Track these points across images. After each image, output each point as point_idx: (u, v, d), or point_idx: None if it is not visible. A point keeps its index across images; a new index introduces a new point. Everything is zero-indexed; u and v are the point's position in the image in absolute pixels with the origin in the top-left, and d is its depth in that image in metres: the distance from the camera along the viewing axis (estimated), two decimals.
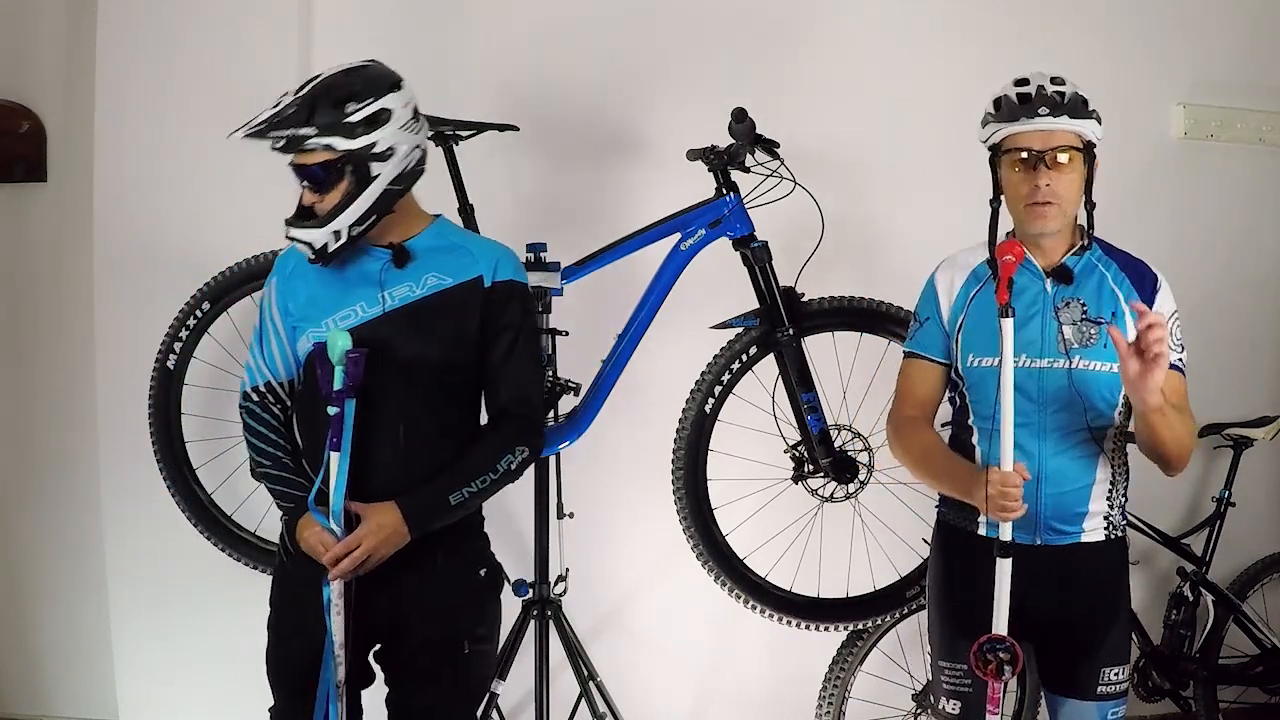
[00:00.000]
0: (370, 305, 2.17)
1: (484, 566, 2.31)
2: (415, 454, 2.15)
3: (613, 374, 2.79)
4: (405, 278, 2.19)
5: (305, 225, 2.15)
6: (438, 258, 2.22)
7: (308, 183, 2.15)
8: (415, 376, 2.16)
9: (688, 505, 2.80)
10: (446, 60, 3.22)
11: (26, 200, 3.37)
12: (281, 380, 2.26)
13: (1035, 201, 2.17)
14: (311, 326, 2.18)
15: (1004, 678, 2.09)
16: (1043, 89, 2.18)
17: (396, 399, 2.14)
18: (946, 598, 2.34)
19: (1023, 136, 2.18)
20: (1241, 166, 3.72)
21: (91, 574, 3.27)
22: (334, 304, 2.18)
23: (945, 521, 2.38)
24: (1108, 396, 2.21)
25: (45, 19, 3.32)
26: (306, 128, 2.10)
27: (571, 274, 2.79)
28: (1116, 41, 3.56)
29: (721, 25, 3.33)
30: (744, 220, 2.76)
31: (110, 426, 3.12)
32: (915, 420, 2.33)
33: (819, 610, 2.89)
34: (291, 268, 2.26)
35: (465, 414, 2.27)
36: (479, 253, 2.24)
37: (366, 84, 2.15)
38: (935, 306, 2.32)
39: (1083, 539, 2.24)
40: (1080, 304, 2.21)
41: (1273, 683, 3.45)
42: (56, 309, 3.38)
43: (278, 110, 2.12)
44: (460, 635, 2.23)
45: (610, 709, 2.93)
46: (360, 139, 2.12)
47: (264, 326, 2.27)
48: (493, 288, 2.21)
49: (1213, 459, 3.68)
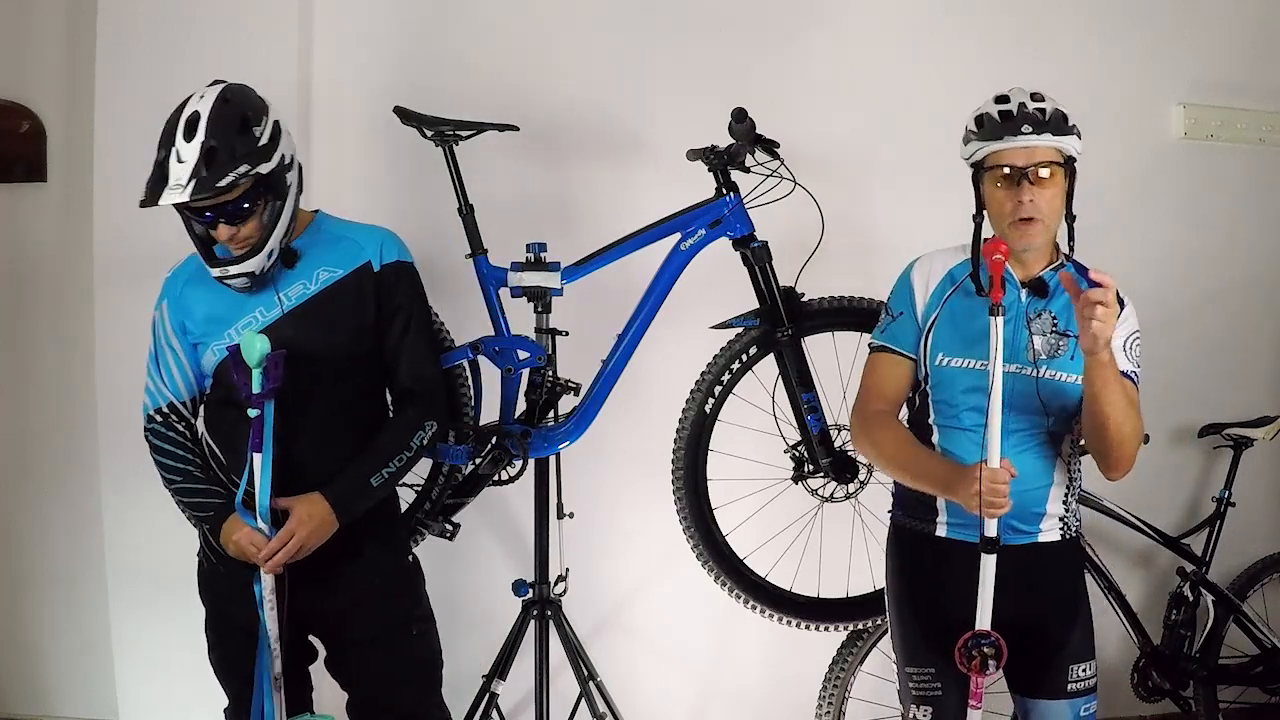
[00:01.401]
0: (268, 309, 2.22)
1: (408, 552, 2.43)
2: (332, 447, 2.21)
3: (613, 374, 2.79)
4: (297, 276, 2.24)
5: (242, 259, 2.16)
6: (324, 251, 2.27)
7: (222, 219, 2.13)
8: (323, 371, 2.22)
9: (688, 505, 2.80)
10: (446, 60, 3.22)
11: (26, 200, 3.37)
12: (184, 399, 2.30)
13: (1019, 218, 2.19)
14: (214, 340, 2.23)
15: (989, 672, 2.11)
16: (1024, 106, 2.20)
17: (307, 396, 2.20)
18: (908, 602, 2.35)
19: (1005, 154, 2.20)
20: (1241, 166, 3.72)
21: (91, 574, 3.27)
22: (232, 315, 2.23)
23: (901, 526, 2.39)
24: (1069, 406, 2.25)
25: (45, 19, 3.32)
26: (240, 165, 2.09)
27: (571, 274, 2.78)
28: (1116, 41, 3.56)
29: (722, 25, 3.34)
30: (744, 220, 2.76)
31: (110, 426, 3.12)
32: (884, 414, 2.34)
33: (819, 610, 2.89)
34: (181, 288, 2.29)
35: (374, 402, 2.35)
36: (363, 239, 2.31)
37: (251, 102, 2.18)
38: (909, 301, 2.33)
39: (1040, 539, 2.27)
40: (1051, 316, 2.25)
41: (1273, 683, 3.44)
42: (56, 309, 3.38)
43: (193, 164, 2.06)
44: (405, 621, 2.32)
45: (610, 709, 2.93)
46: (273, 158, 2.15)
47: (159, 349, 2.30)
48: (381, 271, 2.29)
49: (1213, 459, 3.68)
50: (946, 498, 2.23)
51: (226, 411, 2.24)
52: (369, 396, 2.34)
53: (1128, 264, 2.49)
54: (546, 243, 2.79)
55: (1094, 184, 3.51)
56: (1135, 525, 3.33)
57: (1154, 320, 3.45)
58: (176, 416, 2.29)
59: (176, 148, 2.09)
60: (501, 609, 2.91)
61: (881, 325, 2.38)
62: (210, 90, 2.16)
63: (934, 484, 2.25)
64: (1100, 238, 2.54)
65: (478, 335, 2.76)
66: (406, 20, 3.23)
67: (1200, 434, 3.58)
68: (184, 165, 2.07)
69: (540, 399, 2.79)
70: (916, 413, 2.37)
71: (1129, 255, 3.37)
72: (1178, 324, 3.61)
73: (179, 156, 2.08)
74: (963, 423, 2.25)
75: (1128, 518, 3.31)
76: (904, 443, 2.32)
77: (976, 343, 2.20)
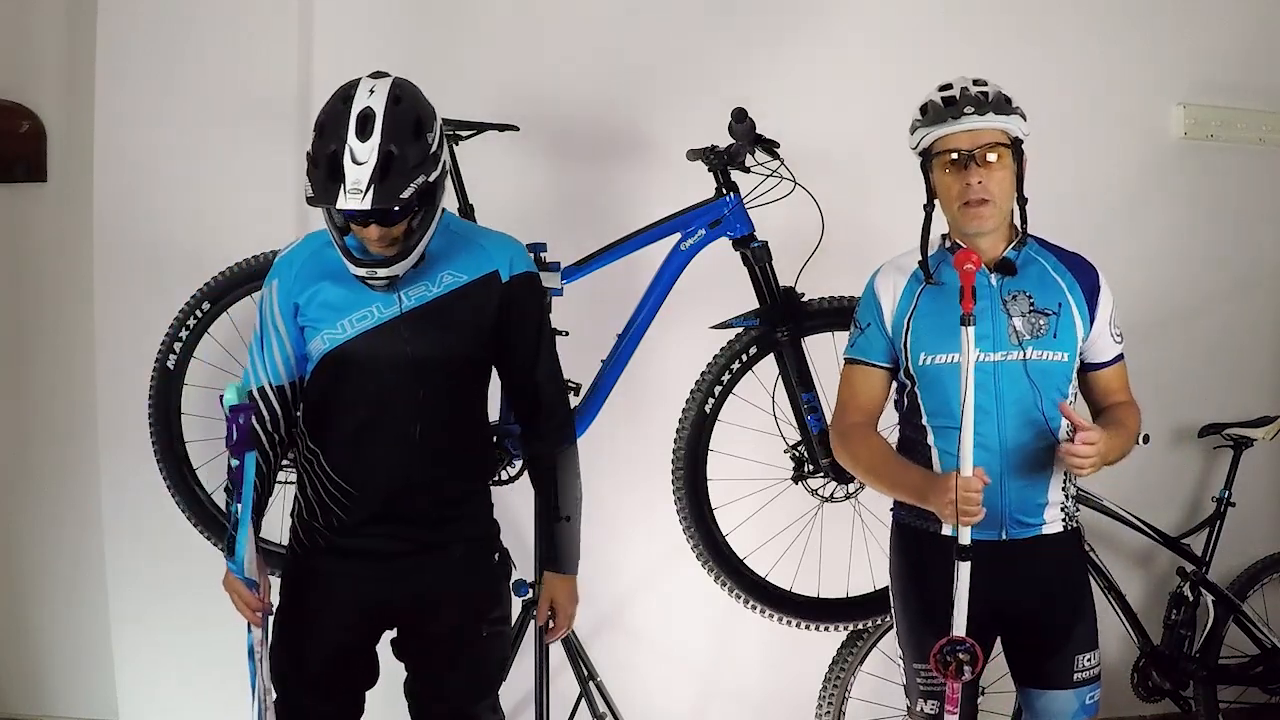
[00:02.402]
0: (386, 306, 2.16)
1: (496, 551, 2.36)
2: (428, 448, 2.18)
3: (613, 374, 2.79)
4: (420, 276, 2.17)
5: (390, 262, 2.08)
6: (451, 255, 2.21)
7: (374, 219, 2.04)
8: (432, 375, 2.18)
9: (688, 505, 2.80)
10: (446, 60, 3.21)
11: (26, 200, 3.37)
12: (281, 383, 2.24)
13: (969, 200, 2.20)
14: (327, 328, 2.18)
15: (964, 678, 2.13)
16: (966, 90, 2.23)
17: (412, 397, 2.16)
18: (916, 600, 2.35)
19: (951, 138, 2.22)
20: (1241, 166, 3.72)
21: (91, 574, 3.27)
22: (350, 306, 2.17)
23: (905, 525, 2.39)
24: (1061, 386, 2.26)
25: (45, 19, 3.32)
26: (417, 175, 2.01)
27: (571, 274, 2.79)
28: (1116, 41, 3.56)
29: (721, 25, 3.34)
30: (744, 220, 2.76)
31: (110, 426, 3.12)
32: (861, 427, 2.35)
33: (819, 610, 2.90)
34: (298, 269, 2.22)
35: (474, 405, 2.31)
36: (492, 247, 2.25)
37: (423, 105, 2.09)
38: (876, 312, 2.33)
39: (1044, 531, 2.27)
40: (1027, 296, 2.25)
41: (1273, 683, 3.44)
42: (56, 309, 3.38)
43: (371, 168, 1.97)
44: (478, 620, 2.28)
45: (610, 709, 2.93)
46: (440, 165, 2.08)
47: (264, 329, 2.25)
48: (511, 282, 2.24)
49: (1213, 459, 3.68)
50: (922, 506, 2.23)
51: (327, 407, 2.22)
52: (471, 401, 2.30)
53: (1127, 264, 2.50)
54: (546, 243, 2.79)
55: (1094, 184, 3.55)
56: (1135, 525, 3.33)
57: (1154, 320, 3.48)
58: (265, 401, 2.23)
59: (350, 146, 1.98)
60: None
61: (851, 338, 2.39)
62: (379, 84, 2.05)
63: (909, 493, 2.26)
64: (1100, 238, 2.55)
65: None
66: (406, 20, 3.23)
67: (1200, 434, 3.58)
68: (362, 168, 1.97)
69: None
70: (907, 413, 2.36)
71: (1129, 255, 3.38)
72: (1178, 324, 3.61)
73: (354, 157, 1.97)
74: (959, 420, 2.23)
75: (1128, 518, 3.31)
76: (880, 454, 2.33)
77: (957, 334, 2.16)
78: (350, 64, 3.21)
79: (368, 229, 2.05)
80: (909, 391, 2.32)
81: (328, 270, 2.18)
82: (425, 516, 2.21)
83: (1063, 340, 2.23)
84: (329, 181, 1.99)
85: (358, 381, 2.17)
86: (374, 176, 1.97)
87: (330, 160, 1.99)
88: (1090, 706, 2.29)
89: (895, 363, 2.34)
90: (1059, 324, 2.24)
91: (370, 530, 2.19)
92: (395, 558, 2.20)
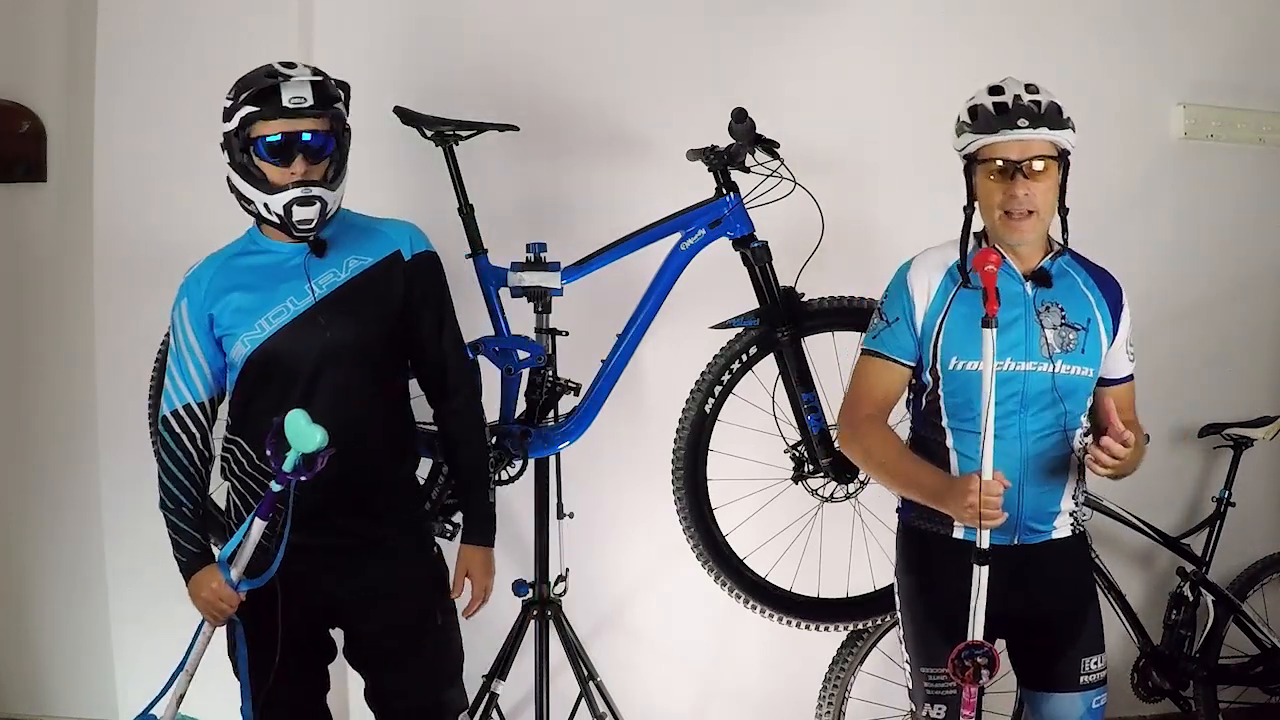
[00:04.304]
0: (300, 298, 2.23)
1: (434, 543, 2.46)
2: (354, 431, 2.20)
3: (613, 374, 2.79)
4: (327, 265, 2.26)
5: (314, 187, 2.17)
6: (353, 241, 2.30)
7: (303, 153, 2.16)
8: (352, 359, 2.24)
9: (688, 505, 2.80)
10: (446, 60, 3.22)
11: (26, 200, 3.37)
12: (202, 400, 2.29)
13: (1011, 211, 2.17)
14: (245, 331, 2.24)
15: (981, 682, 2.11)
16: (1019, 98, 2.17)
17: (335, 383, 2.22)
18: (924, 604, 2.33)
19: (1000, 147, 2.17)
20: (1241, 166, 3.72)
21: (91, 574, 3.26)
22: (264, 306, 2.23)
23: (913, 527, 2.36)
24: (1083, 400, 2.26)
25: (45, 19, 3.31)
26: (340, 105, 2.22)
27: (571, 274, 2.79)
28: (1116, 41, 3.56)
29: (721, 25, 3.33)
30: (744, 220, 2.76)
31: (110, 426, 3.12)
32: (874, 420, 2.30)
33: (819, 610, 2.90)
34: (207, 285, 2.28)
35: (394, 384, 2.38)
36: (391, 231, 2.35)
37: None
38: (907, 308, 2.27)
39: (1054, 536, 2.28)
40: (1059, 308, 2.24)
41: (1273, 683, 3.45)
42: (56, 309, 3.38)
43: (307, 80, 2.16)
44: (428, 610, 2.35)
45: (610, 709, 2.93)
46: (349, 134, 2.25)
47: (178, 350, 2.29)
48: (413, 260, 2.33)
49: (1213, 459, 3.68)
50: (936, 507, 2.20)
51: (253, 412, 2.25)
52: (391, 380, 2.37)
53: (1127, 264, 2.49)
54: (546, 243, 2.79)
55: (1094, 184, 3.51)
56: (1135, 525, 3.33)
57: (1154, 320, 3.47)
58: (191, 418, 2.29)
59: (283, 72, 2.16)
60: (501, 609, 2.90)
61: (874, 330, 2.32)
62: None
63: (924, 493, 2.23)
64: (1100, 237, 2.54)
65: (478, 335, 2.76)
66: (406, 20, 3.22)
67: (1200, 434, 3.58)
68: (299, 81, 2.15)
69: (540, 399, 2.79)
70: (925, 413, 2.32)
71: (1129, 255, 3.35)
72: (1178, 324, 3.61)
73: (290, 77, 2.16)
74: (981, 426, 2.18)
75: (1128, 518, 3.31)
76: (895, 450, 2.29)
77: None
78: (350, 64, 3.22)
79: (294, 165, 2.15)
80: (929, 392, 2.28)
81: (236, 281, 2.26)
82: (362, 507, 2.27)
83: (1090, 356, 2.22)
84: (271, 94, 2.13)
85: (283, 378, 2.22)
86: (312, 85, 2.16)
87: (268, 87, 2.14)
88: (1097, 710, 2.28)
89: (917, 362, 2.29)
90: (1087, 340, 2.22)
91: (312, 524, 2.20)
92: (338, 552, 2.25)
